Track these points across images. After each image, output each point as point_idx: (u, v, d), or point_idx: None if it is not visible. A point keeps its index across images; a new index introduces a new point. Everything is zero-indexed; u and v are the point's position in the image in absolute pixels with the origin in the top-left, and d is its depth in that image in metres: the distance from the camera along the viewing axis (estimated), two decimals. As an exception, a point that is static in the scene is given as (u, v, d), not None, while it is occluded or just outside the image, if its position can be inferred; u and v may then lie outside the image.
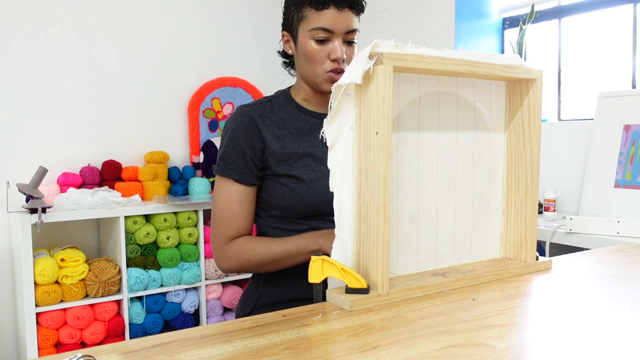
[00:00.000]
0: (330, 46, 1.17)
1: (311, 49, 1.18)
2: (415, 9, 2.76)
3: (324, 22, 1.15)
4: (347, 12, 1.16)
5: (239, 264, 1.20)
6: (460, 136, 1.09)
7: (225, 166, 1.21)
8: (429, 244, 1.06)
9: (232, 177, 1.21)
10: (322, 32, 1.16)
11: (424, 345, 0.73)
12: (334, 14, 1.15)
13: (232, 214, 1.21)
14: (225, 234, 1.22)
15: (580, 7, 2.32)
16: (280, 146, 1.21)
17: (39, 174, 2.20)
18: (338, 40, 1.17)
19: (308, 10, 1.17)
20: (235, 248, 1.20)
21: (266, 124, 1.23)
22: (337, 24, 1.16)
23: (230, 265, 1.22)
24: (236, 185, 1.21)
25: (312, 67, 1.19)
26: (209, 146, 2.91)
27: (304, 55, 1.20)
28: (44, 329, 2.24)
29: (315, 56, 1.18)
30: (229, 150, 1.21)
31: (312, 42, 1.17)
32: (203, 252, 2.58)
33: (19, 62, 2.50)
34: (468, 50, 0.99)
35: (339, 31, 1.16)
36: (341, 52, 1.16)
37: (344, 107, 0.96)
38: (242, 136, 1.21)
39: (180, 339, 0.76)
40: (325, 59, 1.18)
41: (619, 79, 2.22)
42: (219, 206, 1.23)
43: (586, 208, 1.98)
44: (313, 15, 1.16)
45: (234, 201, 1.21)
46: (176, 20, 2.90)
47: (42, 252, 2.34)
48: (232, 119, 1.24)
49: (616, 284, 1.02)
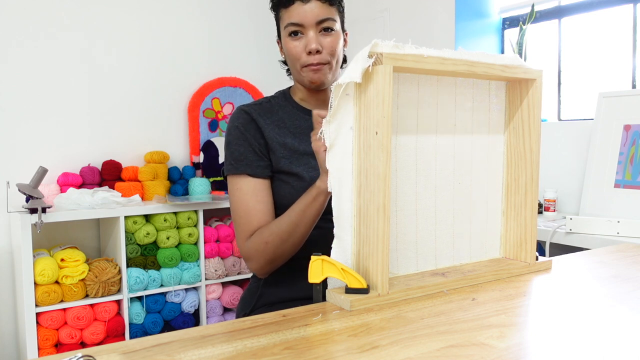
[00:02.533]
0: (304, 40, 1.21)
1: (289, 46, 1.22)
2: (415, 9, 2.76)
3: (292, 17, 1.20)
4: (313, 3, 1.19)
5: (260, 253, 1.16)
6: (459, 136, 1.09)
7: (237, 163, 1.21)
8: (429, 244, 1.06)
9: (247, 172, 1.20)
10: (292, 26, 1.21)
11: (424, 345, 0.73)
12: (299, 7, 1.20)
13: (250, 211, 1.19)
14: (246, 232, 1.19)
15: (580, 7, 2.32)
16: (281, 143, 1.23)
17: (39, 174, 2.20)
18: (311, 31, 1.20)
19: (280, 11, 1.24)
20: (253, 240, 1.17)
21: (266, 122, 1.24)
22: (304, 17, 1.19)
23: (257, 261, 1.17)
24: (250, 180, 1.20)
25: (293, 64, 1.24)
26: (209, 146, 2.91)
27: (287, 55, 1.25)
28: (44, 329, 2.24)
29: (293, 52, 1.22)
30: (238, 147, 1.22)
31: (289, 40, 1.22)
32: (203, 252, 2.57)
33: (19, 62, 2.50)
34: (468, 50, 0.99)
35: (308, 23, 1.20)
36: (315, 43, 1.19)
37: (343, 107, 0.96)
38: (247, 131, 1.22)
39: (180, 339, 0.76)
40: (301, 53, 1.21)
41: (619, 79, 2.22)
42: (235, 206, 1.21)
43: (586, 208, 1.98)
44: (284, 14, 1.22)
45: (249, 196, 1.19)
46: (176, 20, 2.90)
47: (42, 252, 2.34)
48: (234, 118, 1.25)
49: (616, 284, 1.02)
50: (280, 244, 1.14)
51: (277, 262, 1.18)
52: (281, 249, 1.15)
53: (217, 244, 2.64)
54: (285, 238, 1.14)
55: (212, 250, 2.61)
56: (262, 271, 1.20)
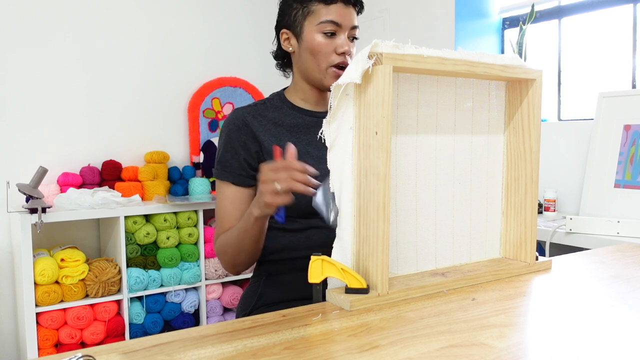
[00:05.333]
0: (337, 40, 1.21)
1: (318, 43, 1.21)
2: (415, 9, 2.76)
3: (332, 16, 1.20)
4: (351, 8, 1.23)
5: (222, 256, 1.22)
6: (459, 136, 1.09)
7: (222, 169, 1.24)
8: (428, 244, 1.06)
9: (229, 180, 1.23)
10: (331, 25, 1.20)
11: (424, 345, 0.73)
12: (341, 8, 1.21)
13: (225, 215, 1.23)
14: (218, 233, 1.24)
15: (580, 7, 2.32)
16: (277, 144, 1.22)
17: (39, 174, 2.20)
18: (344, 34, 1.22)
19: (316, 5, 1.22)
20: (217, 243, 1.23)
21: (262, 123, 1.25)
22: (344, 18, 1.21)
23: (223, 262, 1.24)
24: (233, 188, 1.23)
25: (318, 61, 1.22)
26: (209, 146, 2.91)
27: (310, 50, 1.22)
28: (44, 329, 2.24)
29: (322, 50, 1.21)
30: (225, 153, 1.24)
31: (320, 36, 1.21)
32: (203, 252, 2.58)
33: (19, 62, 2.50)
34: (468, 51, 0.99)
35: (346, 25, 1.21)
36: (348, 46, 1.21)
37: (343, 107, 0.96)
38: (236, 139, 1.23)
39: (180, 339, 0.76)
40: (331, 53, 1.21)
41: (619, 79, 2.22)
42: (217, 207, 1.26)
43: (586, 208, 1.98)
44: (321, 10, 1.21)
45: (227, 202, 1.23)
46: (176, 20, 2.90)
47: (42, 252, 2.34)
48: (226, 122, 1.27)
49: (616, 284, 1.02)
50: (235, 254, 1.19)
51: (240, 268, 1.23)
52: (237, 258, 1.20)
53: (217, 244, 2.64)
54: (237, 251, 1.18)
55: (212, 250, 2.61)
56: (231, 271, 1.26)
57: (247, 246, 1.16)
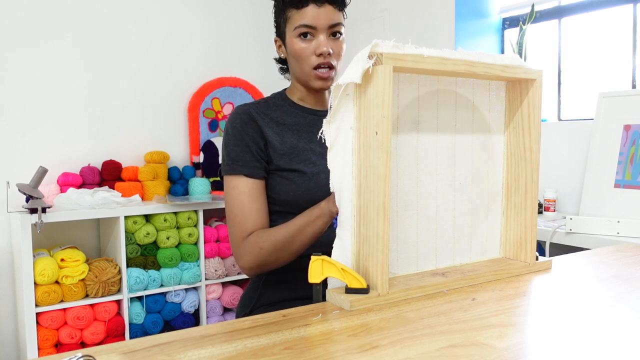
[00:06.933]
0: (314, 42, 1.22)
1: (298, 47, 1.22)
2: (415, 9, 2.76)
3: (305, 19, 1.20)
4: (327, 7, 1.21)
5: (254, 256, 1.17)
6: (459, 136, 1.09)
7: (234, 164, 1.22)
8: (429, 244, 1.06)
9: (243, 172, 1.21)
10: (304, 28, 1.21)
11: (424, 345, 0.73)
12: (313, 10, 1.20)
13: (245, 210, 1.20)
14: (241, 232, 1.19)
15: (580, 7, 2.32)
16: (280, 141, 1.24)
17: (39, 174, 2.20)
18: (322, 35, 1.21)
19: (290, 11, 1.23)
20: (249, 241, 1.18)
21: (265, 121, 1.25)
22: (318, 20, 1.20)
23: (248, 261, 1.18)
24: (247, 180, 1.21)
25: (300, 65, 1.23)
26: (209, 146, 2.91)
27: (293, 55, 1.24)
28: (44, 329, 2.24)
29: (301, 54, 1.22)
30: (235, 147, 1.22)
31: (298, 41, 1.22)
32: (203, 252, 2.58)
33: (19, 63, 2.50)
34: (468, 51, 0.99)
35: (321, 26, 1.21)
36: (326, 47, 1.20)
37: (343, 107, 0.96)
38: (245, 132, 1.23)
39: (180, 339, 0.76)
40: (311, 55, 1.22)
41: (619, 79, 2.22)
42: (231, 206, 1.21)
43: (586, 208, 1.98)
44: (295, 15, 1.22)
45: (245, 196, 1.20)
46: (176, 20, 2.90)
47: (42, 252, 2.34)
48: (232, 117, 1.25)
49: (616, 284, 1.02)
50: (274, 252, 1.16)
51: (268, 268, 1.19)
52: (274, 256, 1.17)
53: (217, 244, 2.64)
54: (280, 248, 1.15)
55: (212, 250, 2.61)
56: (250, 272, 1.22)
57: (297, 245, 1.14)
